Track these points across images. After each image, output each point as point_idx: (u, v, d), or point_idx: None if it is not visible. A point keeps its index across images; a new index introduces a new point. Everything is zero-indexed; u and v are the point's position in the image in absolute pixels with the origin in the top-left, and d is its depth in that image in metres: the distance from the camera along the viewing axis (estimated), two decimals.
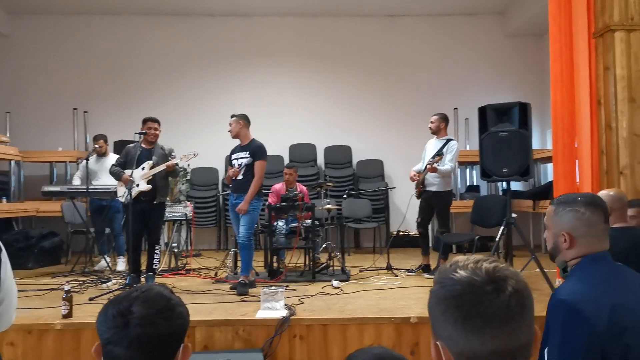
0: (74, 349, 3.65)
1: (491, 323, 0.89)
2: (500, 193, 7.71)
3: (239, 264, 5.32)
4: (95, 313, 1.18)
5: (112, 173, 5.38)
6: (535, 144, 8.49)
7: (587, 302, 1.58)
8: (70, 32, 8.92)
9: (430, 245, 6.47)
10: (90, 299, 4.45)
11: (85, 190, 6.29)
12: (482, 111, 4.84)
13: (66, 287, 3.90)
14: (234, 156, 5.22)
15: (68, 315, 3.81)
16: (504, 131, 4.65)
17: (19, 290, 4.89)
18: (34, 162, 8.24)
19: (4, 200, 7.35)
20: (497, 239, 4.94)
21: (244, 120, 5.17)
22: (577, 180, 4.52)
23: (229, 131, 5.17)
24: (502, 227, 4.85)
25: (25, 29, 8.88)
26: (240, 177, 5.06)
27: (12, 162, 7.65)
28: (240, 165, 5.07)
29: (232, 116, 5.21)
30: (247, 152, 5.08)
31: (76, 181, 6.84)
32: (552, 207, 1.85)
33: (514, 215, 5.77)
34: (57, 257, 7.19)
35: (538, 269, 4.60)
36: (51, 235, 7.18)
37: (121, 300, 1.16)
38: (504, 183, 5.05)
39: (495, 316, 0.89)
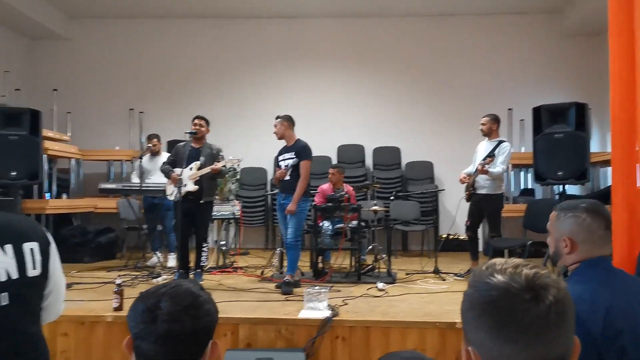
0: (122, 341, 3.73)
1: (527, 333, 0.84)
2: (556, 197, 7.42)
3: (285, 263, 5.37)
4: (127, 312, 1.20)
5: (162, 171, 5.54)
6: (595, 147, 8.12)
7: (582, 304, 1.55)
8: (126, 35, 9.25)
9: (480, 249, 6.30)
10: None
11: (138, 188, 6.49)
12: (537, 112, 4.68)
13: (118, 281, 4.02)
14: (280, 157, 5.27)
15: (119, 308, 3.92)
16: (559, 132, 4.48)
17: (75, 283, 5.12)
18: (93, 161, 8.58)
19: (64, 196, 7.69)
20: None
21: (288, 121, 5.20)
22: (638, 184, 4.28)
23: (274, 133, 5.22)
24: None
25: (84, 32, 9.27)
26: (287, 177, 5.09)
27: (73, 160, 7.99)
28: (287, 166, 5.11)
29: (277, 117, 5.25)
30: (293, 153, 5.12)
31: (134, 179, 7.07)
32: (555, 213, 1.88)
33: None
34: (113, 252, 7.45)
35: None
36: (107, 231, 7.44)
37: (150, 295, 1.16)
38: (560, 187, 4.85)
39: (531, 326, 0.84)
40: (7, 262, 1.57)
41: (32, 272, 1.63)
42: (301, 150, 5.12)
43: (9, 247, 1.59)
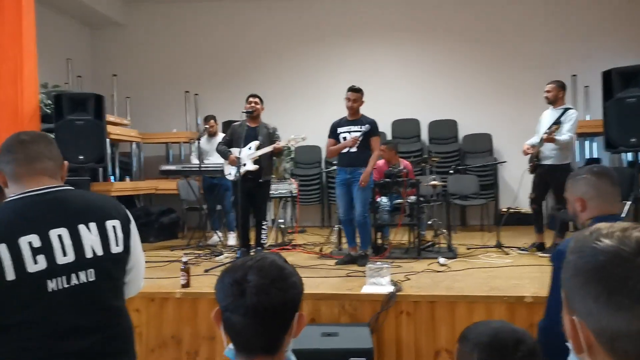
0: (191, 317, 3.86)
1: None
2: (626, 166, 7.06)
3: (344, 239, 5.38)
4: (211, 284, 1.22)
5: (219, 152, 5.60)
6: None
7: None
8: (179, 18, 9.38)
9: (544, 223, 6.10)
10: (206, 271, 4.69)
11: (197, 169, 6.62)
12: (607, 76, 4.43)
13: (184, 259, 4.14)
14: (342, 129, 5.17)
15: (186, 285, 4.03)
16: (632, 97, 4.23)
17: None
18: (152, 144, 8.82)
19: (127, 179, 7.96)
20: (622, 215, 4.53)
21: (363, 95, 5.15)
22: None
23: (349, 106, 5.12)
24: (628, 203, 4.44)
25: (140, 17, 9.46)
26: (353, 150, 5.04)
27: (134, 143, 8.24)
28: (355, 138, 5.03)
29: (354, 89, 5.14)
30: (361, 127, 5.06)
31: (194, 160, 7.21)
32: (569, 182, 2.14)
33: None
34: (175, 232, 7.68)
35: None
36: (169, 211, 7.67)
37: (237, 269, 1.17)
38: (630, 155, 4.60)
39: None
40: (92, 240, 1.63)
41: (116, 248, 1.68)
42: (373, 125, 5.11)
43: (93, 225, 1.64)
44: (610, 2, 8.29)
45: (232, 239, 6.62)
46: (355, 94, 5.11)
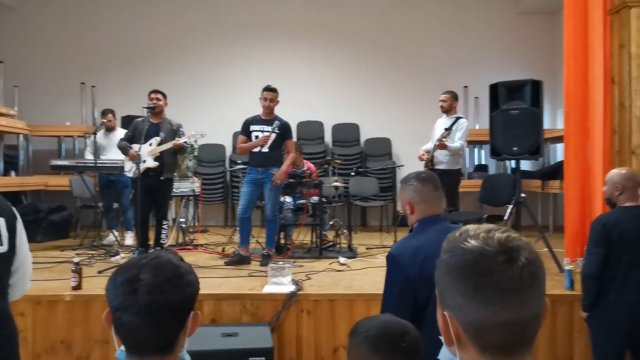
0: (83, 320, 3.69)
1: (503, 294, 0.86)
2: (510, 173, 7.66)
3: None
4: (105, 285, 1.18)
5: (120, 148, 5.39)
6: (546, 124, 8.30)
7: (405, 254, 2.12)
8: (77, 4, 8.85)
9: None
10: (100, 272, 4.49)
11: (93, 165, 6.30)
12: (494, 88, 4.78)
13: (76, 260, 3.93)
14: (255, 127, 5.16)
15: (78, 287, 3.84)
16: (515, 109, 4.60)
17: None
18: (42, 137, 8.25)
19: (13, 173, 7.39)
20: (505, 218, 4.91)
21: (277, 94, 5.18)
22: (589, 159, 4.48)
23: (265, 106, 5.12)
24: (510, 206, 4.83)
25: (32, 1, 8.81)
26: (265, 150, 5.05)
27: (21, 136, 7.66)
28: (270, 132, 5.05)
29: (270, 89, 5.16)
30: (273, 127, 5.08)
31: (88, 156, 6.84)
32: (400, 185, 2.38)
33: (522, 194, 5.74)
34: (66, 231, 7.24)
35: (546, 249, 4.58)
36: (60, 209, 7.21)
37: (130, 267, 1.15)
38: (513, 162, 5.01)
39: (507, 287, 0.86)
40: None
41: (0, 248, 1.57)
42: (286, 128, 5.18)
43: None
44: (501, 20, 8.96)
45: (129, 239, 6.38)
46: (272, 93, 5.16)
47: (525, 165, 7.92)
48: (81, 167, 6.54)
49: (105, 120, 6.54)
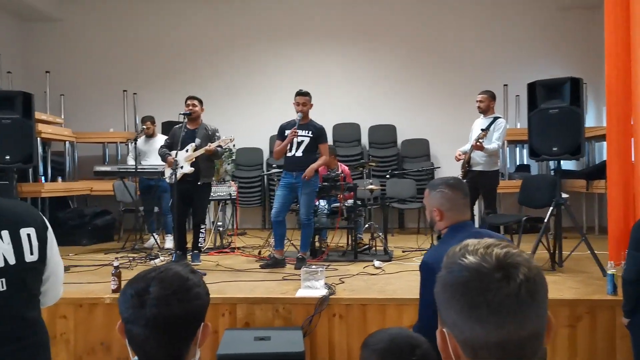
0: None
1: (498, 313, 0.83)
2: (552, 172, 7.44)
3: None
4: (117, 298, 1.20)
5: (160, 155, 5.53)
6: (590, 122, 8.12)
7: (439, 262, 2.02)
8: (118, 15, 9.13)
9: (476, 226, 6.33)
10: None
11: (134, 170, 6.47)
12: (532, 87, 4.65)
13: (115, 263, 4.04)
14: (289, 132, 5.16)
15: (117, 290, 3.94)
16: (554, 108, 4.46)
17: (73, 266, 5.14)
18: (87, 143, 8.54)
19: (60, 179, 7.68)
20: (545, 220, 4.77)
21: (311, 98, 5.21)
22: (633, 158, 4.30)
23: (299, 111, 5.13)
24: (551, 208, 4.68)
25: (76, 13, 9.14)
26: (299, 154, 5.08)
27: (67, 142, 7.96)
28: (299, 136, 5.10)
29: (303, 93, 5.17)
30: (309, 132, 5.12)
31: (130, 161, 7.04)
32: (427, 191, 2.38)
33: (565, 195, 5.56)
34: (110, 235, 7.47)
35: (589, 251, 4.43)
36: (104, 213, 7.45)
37: (139, 280, 1.17)
38: (555, 162, 4.86)
39: (502, 306, 0.83)
40: (4, 248, 1.57)
41: (30, 257, 1.63)
42: (321, 132, 5.20)
43: (5, 233, 1.59)
44: (542, 16, 8.72)
45: (169, 242, 6.51)
46: (304, 97, 5.17)
47: (569, 164, 7.69)
48: (123, 172, 6.74)
49: (144, 127, 6.72)
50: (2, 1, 8.22)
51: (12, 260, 1.58)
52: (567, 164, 7.27)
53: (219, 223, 6.64)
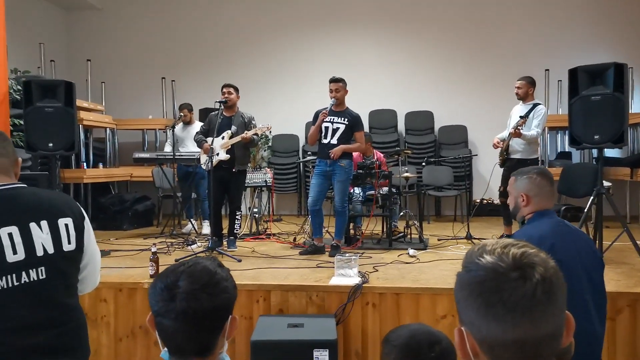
0: None
1: (513, 312, 0.85)
2: (594, 161, 7.22)
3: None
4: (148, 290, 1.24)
5: (195, 141, 5.63)
6: (636, 108, 7.82)
7: (532, 241, 2.14)
8: (158, 3, 9.26)
9: None
10: (176, 261, 4.69)
11: (172, 157, 6.59)
12: (573, 73, 4.50)
13: (153, 249, 4.14)
14: (320, 114, 5.17)
15: (155, 275, 4.04)
16: (596, 95, 4.30)
17: (114, 250, 5.30)
18: (127, 130, 8.74)
19: (101, 165, 7.89)
20: (586, 210, 4.65)
21: (346, 85, 5.17)
22: None
23: (333, 97, 5.10)
24: (592, 197, 4.55)
25: (117, 2, 9.31)
26: (334, 142, 5.08)
27: (108, 129, 8.16)
28: (332, 122, 5.10)
29: (337, 80, 5.13)
30: (345, 119, 5.10)
31: (167, 148, 7.18)
32: (513, 178, 2.45)
33: (607, 184, 5.39)
34: (150, 220, 7.66)
35: (630, 242, 4.29)
36: (144, 199, 7.64)
37: (169, 274, 1.21)
38: (596, 150, 4.71)
39: (518, 305, 0.85)
40: (43, 238, 1.64)
41: (68, 246, 1.69)
42: (357, 120, 5.16)
43: (44, 223, 1.65)
44: (585, 0, 8.40)
45: (206, 228, 6.63)
46: (336, 84, 5.13)
47: (613, 151, 7.43)
48: (161, 159, 6.87)
49: (182, 114, 6.83)
50: None
51: (50, 250, 1.65)
52: (610, 152, 7.02)
53: (255, 209, 6.72)
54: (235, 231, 5.57)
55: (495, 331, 0.86)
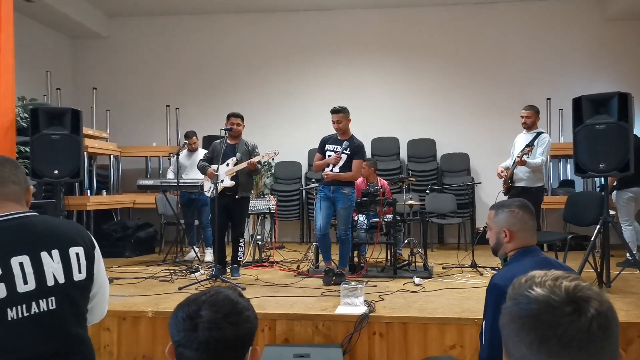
0: (163, 336, 3.83)
1: (569, 347, 0.81)
2: (597, 188, 7.21)
3: (321, 257, 5.41)
4: (168, 320, 1.22)
5: (199, 168, 5.64)
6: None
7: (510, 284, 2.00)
8: (162, 32, 9.39)
9: None
10: (180, 289, 4.66)
11: (175, 184, 6.60)
12: (577, 102, 4.53)
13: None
14: (329, 146, 5.22)
15: None
16: (601, 124, 4.33)
17: (116, 278, 5.25)
18: (131, 157, 8.77)
19: (104, 192, 7.89)
20: (592, 239, 4.62)
21: (349, 114, 5.21)
22: None
23: (337, 128, 5.16)
24: (598, 226, 4.53)
25: (122, 30, 9.45)
26: (336, 170, 5.11)
27: (112, 156, 8.18)
28: (342, 151, 5.10)
29: (338, 110, 5.16)
30: (347, 149, 5.14)
31: (170, 175, 7.19)
32: (492, 211, 2.30)
33: (612, 212, 5.38)
34: (152, 247, 7.63)
35: (638, 271, 4.26)
36: (146, 226, 7.61)
37: (190, 303, 1.19)
38: (601, 178, 4.71)
39: (574, 340, 0.81)
40: (54, 267, 1.62)
41: (78, 276, 1.67)
42: (358, 149, 5.18)
43: (55, 253, 1.63)
44: (586, 28, 8.51)
45: (209, 255, 6.60)
46: (337, 115, 5.17)
47: None
48: (164, 186, 6.87)
49: (187, 142, 6.85)
50: (53, 20, 8.56)
51: (61, 279, 1.63)
52: None
53: (258, 237, 6.69)
54: (238, 258, 5.53)
55: None
